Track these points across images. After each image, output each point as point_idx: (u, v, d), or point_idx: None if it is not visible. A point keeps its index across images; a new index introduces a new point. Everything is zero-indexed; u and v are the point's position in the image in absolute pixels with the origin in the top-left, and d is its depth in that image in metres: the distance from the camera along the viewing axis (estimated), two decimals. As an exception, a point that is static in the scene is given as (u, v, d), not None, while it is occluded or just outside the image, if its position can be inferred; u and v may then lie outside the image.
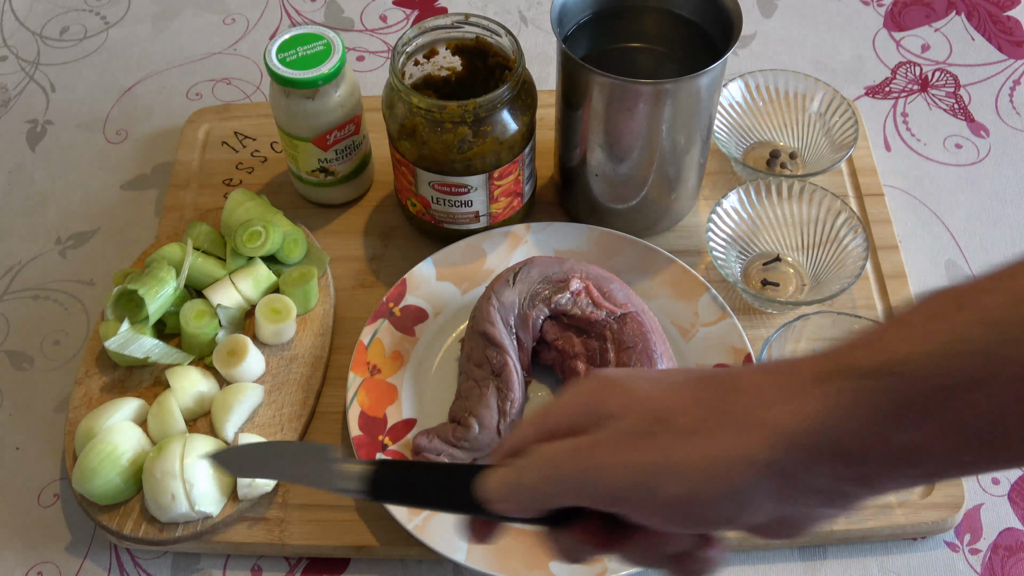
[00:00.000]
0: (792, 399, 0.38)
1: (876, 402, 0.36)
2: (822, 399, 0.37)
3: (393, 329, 0.81)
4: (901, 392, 0.36)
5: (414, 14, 1.13)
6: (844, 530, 0.72)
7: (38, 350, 0.86)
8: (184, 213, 0.92)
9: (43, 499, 0.78)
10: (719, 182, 0.94)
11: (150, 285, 0.79)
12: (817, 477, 0.38)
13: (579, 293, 0.76)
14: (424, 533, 0.70)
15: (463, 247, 0.85)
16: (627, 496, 0.41)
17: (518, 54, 0.79)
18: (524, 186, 0.86)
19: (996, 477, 0.77)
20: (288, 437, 0.77)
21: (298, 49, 0.82)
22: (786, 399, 0.38)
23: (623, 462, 0.40)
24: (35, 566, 0.74)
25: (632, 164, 0.81)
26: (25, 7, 1.16)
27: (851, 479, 0.38)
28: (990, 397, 0.34)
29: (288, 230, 0.85)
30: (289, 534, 0.73)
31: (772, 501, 0.39)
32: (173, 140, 1.01)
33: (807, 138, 0.94)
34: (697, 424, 0.40)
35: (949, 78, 1.04)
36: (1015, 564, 0.73)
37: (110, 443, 0.72)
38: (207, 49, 1.10)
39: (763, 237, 0.87)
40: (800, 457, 0.38)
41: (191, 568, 0.74)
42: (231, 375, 0.78)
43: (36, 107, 1.05)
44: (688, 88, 0.75)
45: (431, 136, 0.78)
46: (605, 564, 0.69)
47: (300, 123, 0.84)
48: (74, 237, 0.94)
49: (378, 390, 0.78)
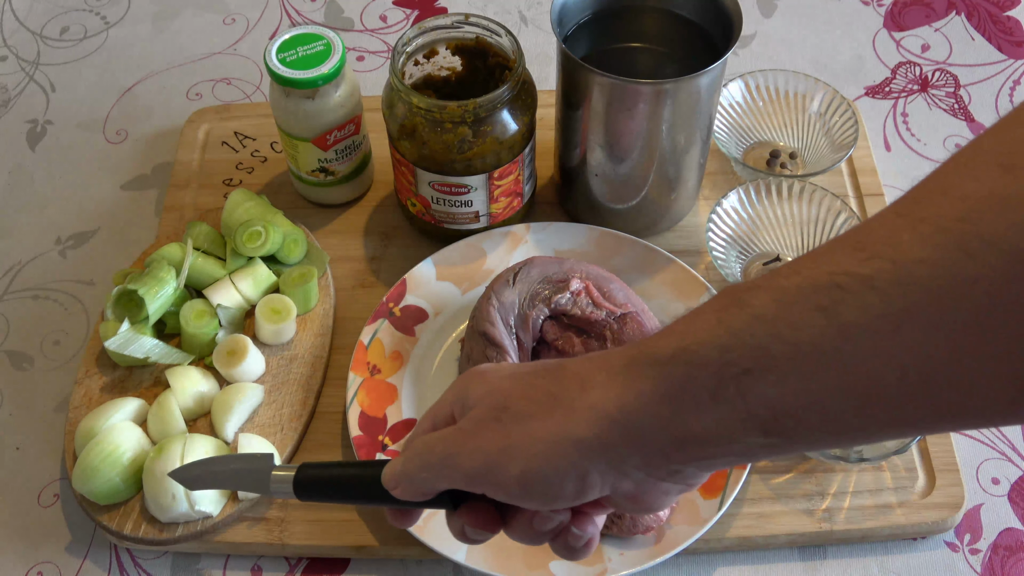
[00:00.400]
0: (606, 384, 0.42)
1: (667, 386, 0.40)
2: (626, 383, 0.41)
3: (393, 329, 0.81)
4: (688, 377, 0.39)
5: (414, 14, 1.13)
6: (844, 530, 0.72)
7: (38, 350, 0.86)
8: (184, 213, 0.92)
9: (43, 499, 0.78)
10: (719, 182, 0.94)
11: (150, 285, 0.79)
12: (633, 455, 0.42)
13: (579, 293, 0.76)
14: (424, 533, 0.70)
15: (463, 247, 0.85)
16: (481, 477, 0.45)
17: (518, 54, 0.79)
18: (524, 186, 0.86)
19: (996, 477, 0.77)
20: (288, 437, 0.77)
21: (298, 49, 0.82)
22: (602, 384, 0.42)
23: (474, 447, 0.45)
24: (35, 566, 0.74)
25: (632, 164, 0.81)
26: (25, 7, 1.16)
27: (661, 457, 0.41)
28: (763, 386, 0.37)
29: (288, 230, 0.85)
30: (289, 534, 0.73)
31: (605, 477, 0.43)
32: (173, 140, 1.01)
33: (807, 138, 0.94)
34: (533, 408, 0.44)
35: (949, 78, 1.04)
36: (1015, 564, 0.73)
37: (110, 443, 0.72)
38: (207, 49, 1.10)
39: (763, 237, 0.87)
40: (616, 436, 0.41)
41: (191, 568, 0.74)
42: (231, 375, 0.78)
43: (36, 107, 1.05)
44: (688, 88, 0.75)
45: (431, 136, 0.78)
46: (605, 564, 0.69)
47: (300, 123, 0.84)
48: (74, 237, 0.94)
49: (378, 390, 0.78)
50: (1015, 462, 0.78)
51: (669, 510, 0.70)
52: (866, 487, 0.74)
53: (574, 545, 0.48)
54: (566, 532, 0.48)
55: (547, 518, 0.47)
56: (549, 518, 0.47)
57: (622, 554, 0.69)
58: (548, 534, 0.48)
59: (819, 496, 0.74)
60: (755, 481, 0.75)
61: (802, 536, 0.73)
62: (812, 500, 0.74)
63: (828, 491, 0.74)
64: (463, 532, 0.49)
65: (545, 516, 0.47)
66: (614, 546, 0.70)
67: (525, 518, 0.47)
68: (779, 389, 0.37)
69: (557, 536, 0.48)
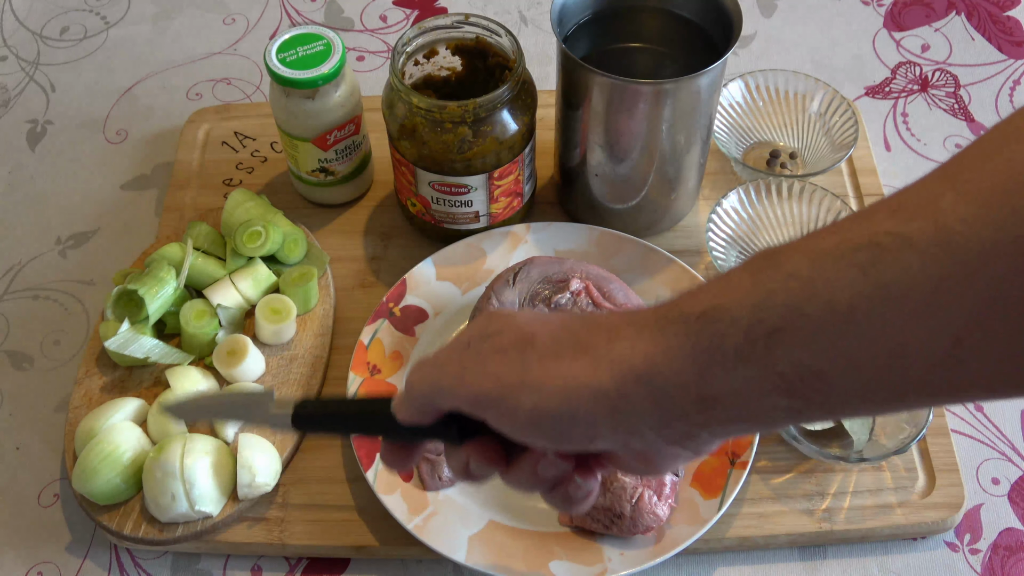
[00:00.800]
0: (635, 337, 0.42)
1: (696, 343, 0.40)
2: (654, 338, 0.41)
3: (393, 329, 0.81)
4: (717, 335, 0.39)
5: (414, 14, 1.13)
6: (844, 530, 0.72)
7: (38, 350, 0.86)
8: (184, 213, 0.92)
9: (43, 499, 0.78)
10: (719, 182, 0.94)
11: (150, 285, 0.79)
12: (651, 414, 0.41)
13: (579, 293, 0.76)
14: (424, 533, 0.70)
15: (463, 247, 0.85)
16: (491, 404, 0.45)
17: (518, 54, 0.79)
18: (524, 186, 0.86)
19: (996, 477, 0.77)
20: (288, 437, 0.77)
21: (298, 49, 0.82)
22: (630, 337, 0.42)
23: (491, 371, 0.45)
24: (35, 566, 0.74)
25: (632, 164, 0.81)
26: (25, 7, 1.16)
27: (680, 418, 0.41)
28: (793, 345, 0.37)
29: (288, 230, 0.85)
30: (289, 534, 0.73)
31: (616, 431, 0.43)
32: (173, 140, 1.01)
33: (807, 138, 0.94)
34: (558, 349, 0.44)
35: (949, 78, 1.04)
36: (1015, 564, 0.73)
37: (110, 443, 0.72)
38: (207, 49, 1.10)
39: (763, 237, 0.87)
40: (638, 392, 0.41)
41: (191, 568, 0.74)
42: (231, 375, 0.78)
43: (36, 107, 1.05)
44: (688, 88, 0.75)
45: (431, 136, 0.78)
46: (605, 564, 0.69)
47: (300, 123, 0.84)
48: (74, 237, 0.94)
49: (378, 390, 0.78)
50: (1015, 462, 0.78)
51: (669, 510, 0.70)
52: (866, 487, 0.74)
53: (574, 495, 0.48)
54: (567, 482, 0.48)
55: (552, 463, 0.47)
56: (554, 464, 0.47)
57: (622, 554, 0.69)
58: (549, 481, 0.48)
59: (819, 496, 0.74)
60: (755, 481, 0.75)
61: (802, 536, 0.73)
62: (812, 500, 0.74)
63: (828, 491, 0.74)
64: (466, 467, 0.49)
65: (550, 461, 0.47)
66: (614, 546, 0.70)
67: (529, 460, 0.47)
68: (809, 349, 0.37)
69: (556, 486, 0.48)
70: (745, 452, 0.73)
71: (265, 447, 0.74)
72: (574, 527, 0.71)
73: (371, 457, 0.74)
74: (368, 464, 0.73)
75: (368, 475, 0.73)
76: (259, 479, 0.72)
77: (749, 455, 0.72)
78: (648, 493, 0.69)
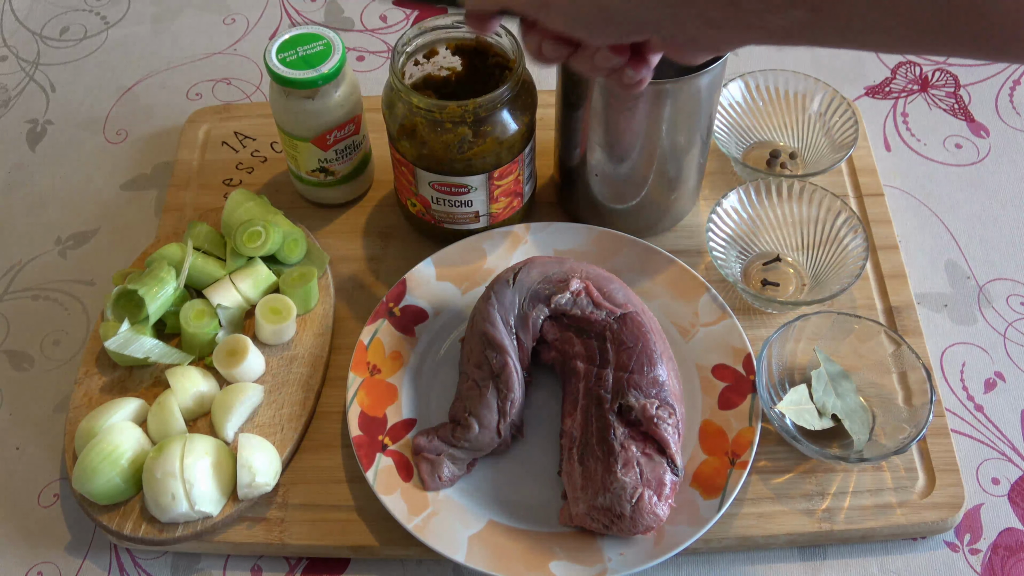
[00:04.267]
0: None
1: None
2: None
3: (393, 329, 0.81)
4: None
5: (414, 14, 1.13)
6: (844, 530, 0.72)
7: (38, 350, 0.86)
8: (184, 213, 0.92)
9: (43, 499, 0.78)
10: (719, 182, 0.94)
11: (150, 285, 0.79)
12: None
13: (579, 293, 0.76)
14: (424, 533, 0.70)
15: (463, 247, 0.85)
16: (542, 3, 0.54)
17: (518, 54, 0.79)
18: (524, 186, 0.86)
19: (996, 477, 0.77)
20: (288, 437, 0.77)
21: (298, 49, 0.82)
22: None
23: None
24: (35, 566, 0.74)
25: (632, 164, 0.81)
26: (25, 7, 1.16)
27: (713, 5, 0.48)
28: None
29: (288, 230, 0.85)
30: (289, 534, 0.73)
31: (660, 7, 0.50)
32: (173, 140, 1.01)
33: (807, 138, 0.94)
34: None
35: (949, 78, 1.04)
36: (1015, 564, 0.73)
37: (110, 443, 0.72)
38: (207, 49, 1.10)
39: (763, 237, 0.87)
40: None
41: (191, 568, 0.74)
42: (231, 375, 0.78)
43: (36, 107, 1.05)
44: (688, 88, 0.75)
45: (431, 136, 0.78)
46: (605, 564, 0.69)
47: (300, 123, 0.84)
48: (74, 237, 0.94)
49: (378, 390, 0.78)
50: (1015, 462, 0.78)
51: (669, 509, 0.69)
52: (866, 487, 0.74)
53: (627, 82, 0.58)
54: (622, 71, 0.58)
55: (607, 56, 0.57)
56: (608, 57, 0.57)
57: (622, 554, 0.69)
58: (606, 70, 0.58)
59: (819, 496, 0.74)
60: (755, 481, 0.75)
61: (802, 536, 0.73)
62: (812, 500, 0.74)
63: (828, 491, 0.74)
64: (540, 48, 0.58)
65: (605, 54, 0.57)
66: (614, 546, 0.70)
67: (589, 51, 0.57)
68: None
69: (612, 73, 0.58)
70: (745, 452, 0.73)
71: (265, 447, 0.74)
72: (574, 527, 0.71)
73: (371, 457, 0.74)
74: (368, 464, 0.73)
75: (368, 475, 0.73)
76: (259, 479, 0.72)
77: (749, 455, 0.72)
78: (648, 493, 0.69)
